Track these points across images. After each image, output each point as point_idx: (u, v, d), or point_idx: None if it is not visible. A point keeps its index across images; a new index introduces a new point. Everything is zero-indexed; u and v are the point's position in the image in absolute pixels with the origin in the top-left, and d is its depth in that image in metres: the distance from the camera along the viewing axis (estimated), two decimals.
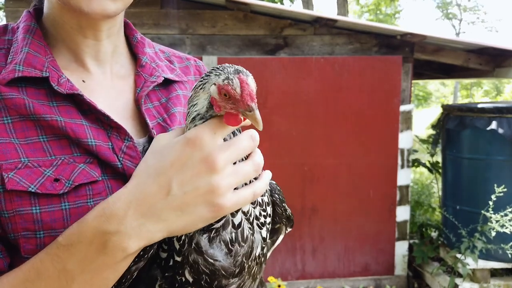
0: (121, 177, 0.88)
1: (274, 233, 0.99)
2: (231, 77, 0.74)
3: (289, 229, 1.01)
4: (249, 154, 0.81)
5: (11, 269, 0.81)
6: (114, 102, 0.96)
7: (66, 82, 0.87)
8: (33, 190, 0.79)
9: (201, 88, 0.78)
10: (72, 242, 0.75)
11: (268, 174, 0.85)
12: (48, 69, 0.87)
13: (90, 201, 0.83)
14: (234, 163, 0.77)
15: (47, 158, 0.82)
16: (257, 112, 0.73)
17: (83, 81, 0.94)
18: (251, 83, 0.75)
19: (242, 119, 0.77)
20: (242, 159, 0.79)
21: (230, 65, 0.78)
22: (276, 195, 0.92)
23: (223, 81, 0.74)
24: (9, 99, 0.83)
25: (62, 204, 0.81)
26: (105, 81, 0.97)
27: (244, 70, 0.77)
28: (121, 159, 0.87)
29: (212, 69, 0.79)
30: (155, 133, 0.94)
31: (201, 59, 4.09)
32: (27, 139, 0.82)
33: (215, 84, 0.76)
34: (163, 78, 1.02)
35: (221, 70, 0.76)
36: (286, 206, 0.95)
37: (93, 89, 0.94)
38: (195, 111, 0.79)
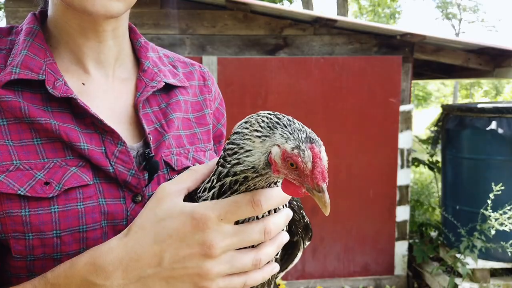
0: (114, 181, 0.88)
1: (291, 248, 0.92)
2: (303, 148, 0.64)
3: (307, 243, 0.94)
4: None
5: (3, 271, 0.83)
6: (113, 106, 0.96)
7: (62, 86, 0.87)
8: (22, 193, 0.80)
9: (258, 137, 0.68)
10: (60, 283, 0.75)
11: (272, 268, 0.79)
12: (45, 72, 0.87)
13: (80, 205, 0.84)
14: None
15: (39, 161, 0.83)
16: (326, 195, 0.65)
17: (82, 83, 0.94)
18: (324, 158, 0.65)
19: (304, 192, 0.68)
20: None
21: (300, 125, 0.68)
22: (294, 202, 0.86)
23: (291, 150, 0.64)
24: (5, 102, 0.83)
25: (51, 207, 0.81)
26: (106, 84, 0.97)
27: (317, 138, 0.67)
28: (113, 163, 0.88)
29: (278, 120, 0.68)
30: (151, 138, 0.94)
31: (201, 59, 4.10)
32: (21, 141, 0.83)
33: (279, 146, 0.66)
34: (164, 83, 1.02)
35: (290, 132, 0.66)
36: (304, 214, 0.89)
37: (92, 92, 0.94)
38: (250, 162, 0.68)
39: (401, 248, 4.65)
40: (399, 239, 4.63)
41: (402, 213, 4.60)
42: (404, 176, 4.56)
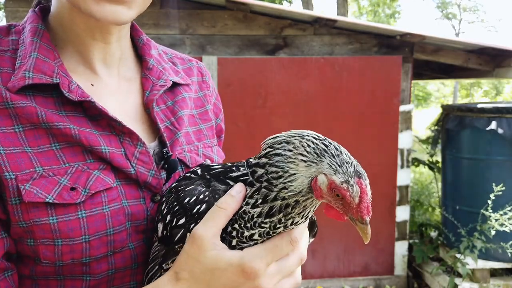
0: (134, 182, 0.88)
1: None
2: (352, 183, 0.67)
3: (311, 239, 0.96)
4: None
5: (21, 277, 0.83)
6: (123, 106, 0.95)
7: (77, 89, 0.85)
8: (50, 201, 0.78)
9: (304, 161, 0.70)
10: None
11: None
12: (58, 74, 0.84)
13: (106, 208, 0.83)
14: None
15: (61, 166, 0.81)
16: (368, 227, 0.72)
17: (91, 84, 0.92)
18: (369, 192, 0.69)
19: (346, 219, 0.75)
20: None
21: (348, 156, 0.71)
22: None
23: (341, 183, 0.67)
24: (20, 108, 0.81)
25: (78, 212, 0.81)
26: (113, 84, 0.96)
27: (363, 171, 0.70)
28: (134, 165, 0.87)
29: (325, 148, 0.70)
30: (166, 136, 0.94)
31: (201, 59, 4.10)
32: (40, 147, 0.81)
33: (326, 175, 0.68)
34: (171, 82, 1.01)
35: (339, 164, 0.68)
36: None
37: (102, 93, 0.93)
38: (295, 186, 0.70)
39: (401, 248, 4.64)
40: (399, 239, 4.63)
41: (402, 213, 4.60)
42: (404, 176, 4.56)
